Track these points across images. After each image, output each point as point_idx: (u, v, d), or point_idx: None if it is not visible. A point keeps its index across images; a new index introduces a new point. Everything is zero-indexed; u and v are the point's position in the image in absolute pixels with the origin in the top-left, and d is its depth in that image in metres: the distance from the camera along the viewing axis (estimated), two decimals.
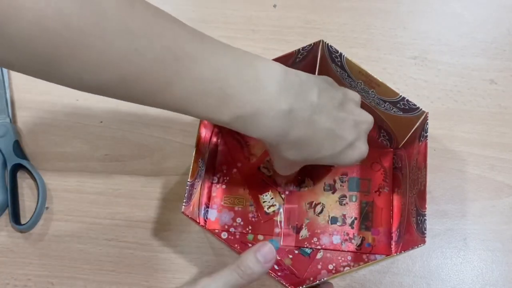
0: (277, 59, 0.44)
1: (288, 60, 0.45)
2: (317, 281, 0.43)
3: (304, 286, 0.41)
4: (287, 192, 0.52)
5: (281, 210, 0.51)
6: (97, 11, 0.29)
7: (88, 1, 0.28)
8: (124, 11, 0.30)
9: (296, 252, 0.50)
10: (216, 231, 0.50)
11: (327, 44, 0.44)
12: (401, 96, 0.43)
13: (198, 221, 0.44)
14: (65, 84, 0.31)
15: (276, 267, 0.48)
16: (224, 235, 0.50)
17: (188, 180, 0.42)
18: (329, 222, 0.51)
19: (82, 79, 0.30)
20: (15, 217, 0.52)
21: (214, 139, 0.52)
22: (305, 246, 0.50)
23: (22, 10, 0.26)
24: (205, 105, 0.34)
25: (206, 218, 0.51)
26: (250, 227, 0.50)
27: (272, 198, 0.52)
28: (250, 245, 0.49)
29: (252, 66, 0.35)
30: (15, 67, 0.30)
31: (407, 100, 0.44)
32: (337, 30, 0.60)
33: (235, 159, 0.53)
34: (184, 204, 0.41)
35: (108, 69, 0.30)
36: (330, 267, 0.49)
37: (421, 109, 0.44)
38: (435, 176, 0.52)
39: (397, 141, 0.51)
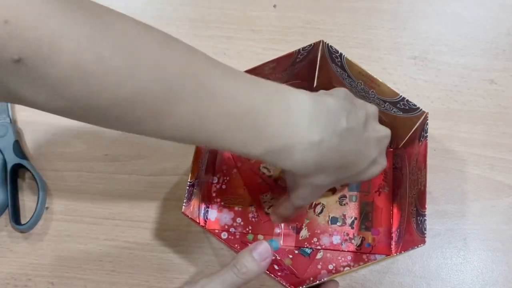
0: (277, 59, 0.44)
1: (288, 60, 0.45)
2: (318, 281, 0.43)
3: (304, 286, 0.41)
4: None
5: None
6: (134, 53, 0.29)
7: (125, 43, 0.29)
8: (159, 52, 0.30)
9: (296, 252, 0.50)
10: (216, 231, 0.50)
11: (327, 44, 0.44)
12: (401, 96, 0.43)
13: (198, 221, 0.44)
14: (94, 123, 0.31)
15: (276, 267, 0.48)
16: (224, 235, 0.50)
17: (188, 180, 0.42)
18: (329, 222, 0.51)
19: (117, 119, 0.31)
20: (15, 217, 0.52)
21: None
22: (305, 246, 0.50)
23: (62, 53, 0.26)
24: (236, 140, 0.34)
25: (206, 218, 0.51)
26: (250, 227, 0.50)
27: (272, 198, 0.52)
28: (250, 245, 0.49)
29: (283, 100, 0.35)
30: (44, 106, 0.29)
31: (407, 100, 0.44)
32: (337, 30, 0.60)
33: (235, 159, 0.53)
34: (184, 204, 0.41)
35: (142, 108, 0.30)
36: (330, 267, 0.49)
37: (421, 109, 0.44)
38: (435, 176, 0.52)
39: (397, 141, 0.51)
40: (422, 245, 0.38)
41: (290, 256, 0.49)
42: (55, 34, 0.26)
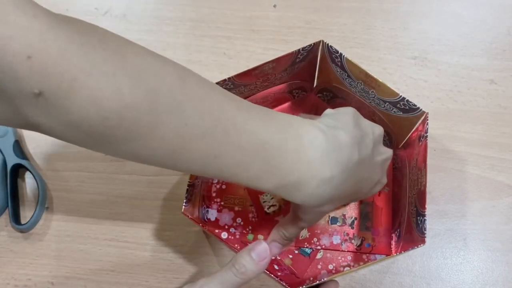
0: (277, 59, 0.44)
1: (288, 60, 0.45)
2: (318, 281, 0.43)
3: (304, 286, 0.41)
4: None
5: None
6: (152, 90, 0.29)
7: (143, 80, 0.29)
8: (176, 88, 0.31)
9: (296, 252, 0.50)
10: (216, 231, 0.50)
11: (327, 44, 0.44)
12: (401, 96, 0.43)
13: (198, 221, 0.44)
14: (118, 156, 0.32)
15: (276, 267, 0.48)
16: (224, 235, 0.50)
17: (188, 180, 0.42)
18: (329, 222, 0.51)
19: (133, 153, 0.31)
20: (15, 217, 0.52)
21: None
22: (305, 246, 0.50)
23: (81, 89, 0.26)
24: (249, 175, 0.35)
25: (206, 218, 0.51)
26: (250, 227, 0.50)
27: (272, 198, 0.52)
28: (248, 245, 0.49)
29: (296, 136, 0.35)
30: (71, 141, 0.30)
31: (407, 100, 0.44)
32: (337, 30, 0.60)
33: None
34: (184, 204, 0.41)
35: (159, 144, 0.31)
36: (330, 267, 0.49)
37: (421, 109, 0.43)
38: (435, 176, 0.52)
39: (397, 141, 0.51)
40: (422, 245, 0.38)
41: (290, 256, 0.49)
42: (75, 70, 0.26)
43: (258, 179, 0.35)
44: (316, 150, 0.35)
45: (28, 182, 0.55)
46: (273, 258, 0.49)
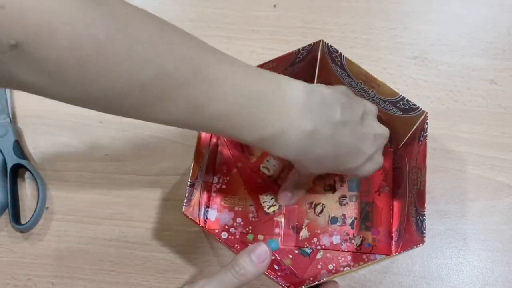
0: (277, 59, 0.44)
1: (288, 60, 0.45)
2: (317, 281, 0.43)
3: (304, 286, 0.41)
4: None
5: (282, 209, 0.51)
6: (129, 37, 0.29)
7: (120, 27, 0.29)
8: (154, 36, 0.31)
9: (296, 252, 0.50)
10: (216, 231, 0.50)
11: (327, 44, 0.44)
12: (401, 96, 0.43)
13: (198, 221, 0.44)
14: (92, 108, 0.32)
15: (276, 267, 0.48)
16: (224, 235, 0.50)
17: (188, 180, 0.42)
18: (329, 222, 0.51)
19: (110, 102, 0.31)
20: (15, 217, 0.52)
21: (214, 139, 0.52)
22: (305, 246, 0.50)
23: (56, 35, 0.26)
24: (231, 126, 0.35)
25: (206, 218, 0.51)
26: (250, 227, 0.50)
27: (272, 198, 0.52)
28: (250, 245, 0.49)
29: (278, 88, 0.36)
30: (43, 91, 0.29)
31: (407, 100, 0.44)
32: (337, 30, 0.60)
33: (235, 159, 0.53)
34: (184, 204, 0.41)
35: (138, 93, 0.31)
36: (330, 267, 0.49)
37: (421, 109, 0.44)
38: (435, 176, 0.52)
39: (397, 141, 0.51)
40: (421, 244, 0.38)
41: (290, 256, 0.49)
42: (51, 18, 0.26)
43: (241, 131, 0.35)
44: (297, 101, 0.36)
45: (28, 182, 0.55)
46: (273, 258, 0.49)
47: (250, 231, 0.50)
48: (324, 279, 0.42)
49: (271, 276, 0.40)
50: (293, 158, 0.38)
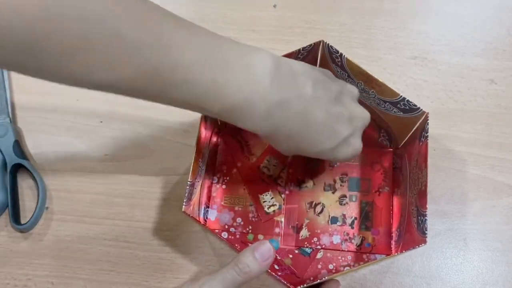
0: None
1: None
2: (318, 280, 0.43)
3: (304, 285, 0.41)
4: (287, 192, 0.52)
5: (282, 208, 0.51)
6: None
7: None
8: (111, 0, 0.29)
9: (296, 252, 0.50)
10: (216, 231, 0.50)
11: (327, 44, 0.44)
12: (401, 96, 0.43)
13: (198, 220, 0.44)
14: (40, 76, 0.30)
15: (276, 266, 0.48)
16: (224, 235, 0.50)
17: (188, 180, 0.42)
18: (329, 222, 0.51)
19: (60, 67, 0.29)
20: (15, 217, 0.52)
21: (214, 139, 0.52)
22: (305, 246, 0.50)
23: (3, 2, 0.25)
24: (195, 95, 0.33)
25: (206, 218, 0.51)
26: (250, 227, 0.50)
27: (272, 198, 0.52)
28: (250, 245, 0.49)
29: (243, 56, 0.34)
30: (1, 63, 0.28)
31: (407, 101, 0.44)
32: (337, 30, 0.60)
33: (235, 159, 0.53)
34: (184, 204, 0.41)
35: (95, 57, 0.29)
36: (330, 267, 0.49)
37: (421, 109, 0.44)
38: (435, 176, 0.52)
39: (397, 141, 0.51)
40: (423, 244, 0.38)
41: (290, 256, 0.49)
42: None
43: (204, 101, 0.33)
44: (265, 72, 0.34)
45: (28, 182, 0.54)
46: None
47: (250, 231, 0.50)
48: (325, 278, 0.42)
49: (274, 274, 0.40)
50: (264, 134, 0.36)
